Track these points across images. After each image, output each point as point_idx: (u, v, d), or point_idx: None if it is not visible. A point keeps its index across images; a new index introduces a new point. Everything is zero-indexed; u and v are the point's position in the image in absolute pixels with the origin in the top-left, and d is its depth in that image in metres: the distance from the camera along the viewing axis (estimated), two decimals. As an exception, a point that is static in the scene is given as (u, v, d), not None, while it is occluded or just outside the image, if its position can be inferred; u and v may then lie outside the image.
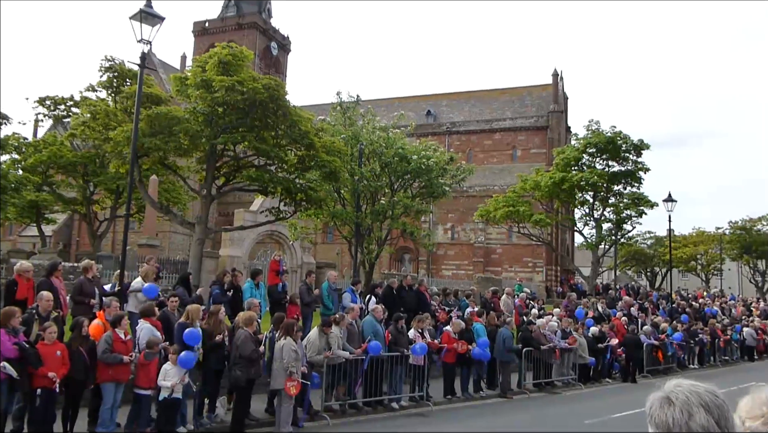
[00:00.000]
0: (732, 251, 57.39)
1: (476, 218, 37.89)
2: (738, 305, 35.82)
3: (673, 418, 1.53)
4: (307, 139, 16.78)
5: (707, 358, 25.02)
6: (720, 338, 25.87)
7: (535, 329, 16.88)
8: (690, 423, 1.51)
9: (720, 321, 27.58)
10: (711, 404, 1.54)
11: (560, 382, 17.24)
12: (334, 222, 22.42)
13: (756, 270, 58.83)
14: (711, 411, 1.52)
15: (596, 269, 33.50)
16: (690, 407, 1.53)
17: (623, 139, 31.01)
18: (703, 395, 1.56)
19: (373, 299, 15.62)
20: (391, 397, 12.98)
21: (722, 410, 1.54)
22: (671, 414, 1.53)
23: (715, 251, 57.18)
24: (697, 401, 1.54)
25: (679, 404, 1.54)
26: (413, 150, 22.02)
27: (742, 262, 59.93)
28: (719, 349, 25.97)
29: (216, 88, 15.35)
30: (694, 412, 1.52)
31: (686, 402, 1.54)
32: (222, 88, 15.24)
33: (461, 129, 55.64)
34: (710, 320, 26.59)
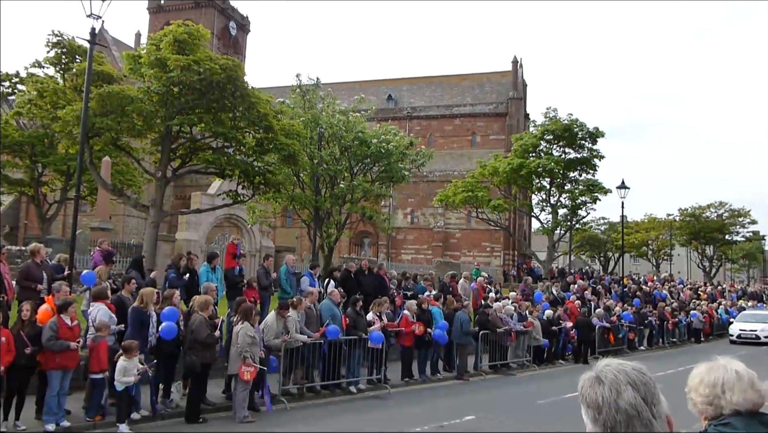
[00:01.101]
0: (681, 237, 59.40)
1: (436, 202, 38.14)
2: (686, 289, 37.16)
3: (602, 396, 1.57)
4: (265, 122, 16.52)
5: (656, 340, 25.90)
6: (668, 320, 26.80)
7: (492, 313, 17.14)
8: (618, 401, 1.56)
9: (669, 304, 28.57)
10: (638, 381, 1.59)
11: (515, 364, 17.59)
12: (293, 206, 22.23)
13: (704, 255, 61.09)
14: (638, 388, 1.58)
15: (552, 253, 34.20)
16: (618, 385, 1.58)
17: (579, 126, 31.59)
18: (630, 373, 1.61)
19: (332, 282, 15.61)
20: (349, 380, 13.02)
21: (648, 387, 1.59)
22: (600, 393, 1.58)
23: (666, 236, 59.06)
24: (624, 379, 1.59)
25: (608, 383, 1.59)
26: (373, 134, 21.94)
27: (690, 248, 62.13)
28: (667, 331, 26.91)
29: (171, 68, 14.93)
30: (622, 390, 1.57)
31: (614, 381, 1.59)
32: (177, 67, 14.83)
33: (422, 114, 55.74)
34: (659, 304, 27.50)
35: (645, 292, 30.39)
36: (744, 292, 46.85)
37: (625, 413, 1.54)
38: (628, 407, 1.55)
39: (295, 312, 11.97)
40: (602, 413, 1.56)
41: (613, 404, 1.55)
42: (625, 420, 1.54)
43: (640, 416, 1.54)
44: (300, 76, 23.27)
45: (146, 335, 9.94)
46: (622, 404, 1.55)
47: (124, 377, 8.93)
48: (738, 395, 2.03)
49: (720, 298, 38.61)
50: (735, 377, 2.06)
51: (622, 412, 1.54)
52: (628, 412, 1.54)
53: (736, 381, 2.05)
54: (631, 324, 23.19)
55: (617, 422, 1.54)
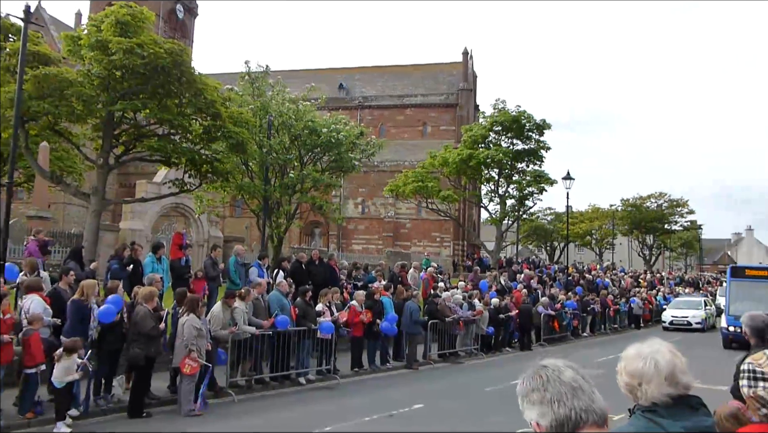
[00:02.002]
0: (623, 226, 61.35)
1: (386, 192, 38.20)
2: (627, 277, 38.47)
3: (546, 376, 1.67)
4: (213, 109, 16.11)
5: (599, 326, 26.75)
6: (610, 307, 27.73)
7: (441, 302, 17.33)
8: (561, 376, 1.65)
9: (611, 292, 29.53)
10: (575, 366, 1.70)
11: (463, 352, 17.86)
12: (242, 195, 21.86)
13: (644, 244, 63.32)
14: (576, 370, 1.69)
15: (500, 243, 34.78)
16: (559, 368, 1.68)
17: (527, 118, 32.13)
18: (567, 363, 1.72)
19: (281, 273, 15.44)
20: (299, 371, 12.95)
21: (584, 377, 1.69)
22: (544, 374, 1.68)
23: (608, 226, 60.87)
24: (563, 364, 1.70)
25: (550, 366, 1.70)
26: (324, 123, 21.73)
27: (632, 237, 64.30)
28: (609, 318, 27.84)
29: (113, 51, 14.35)
30: (563, 370, 1.67)
31: (554, 365, 1.70)
32: (120, 50, 14.26)
33: (373, 104, 55.62)
34: (602, 291, 28.38)
35: (588, 280, 31.31)
36: (681, 279, 48.88)
37: (569, 385, 1.63)
38: (570, 380, 1.63)
39: (243, 303, 11.79)
40: (548, 389, 1.63)
41: (557, 379, 1.64)
42: (571, 391, 1.61)
43: (583, 389, 1.62)
44: (249, 63, 22.81)
45: (86, 329, 9.59)
46: (565, 378, 1.64)
47: (66, 376, 8.59)
48: (654, 389, 2.05)
49: (659, 285, 40.18)
50: (654, 370, 2.07)
51: (567, 384, 1.63)
52: (572, 384, 1.63)
53: (654, 375, 2.06)
54: (574, 311, 23.87)
55: (563, 394, 1.61)
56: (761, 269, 25.50)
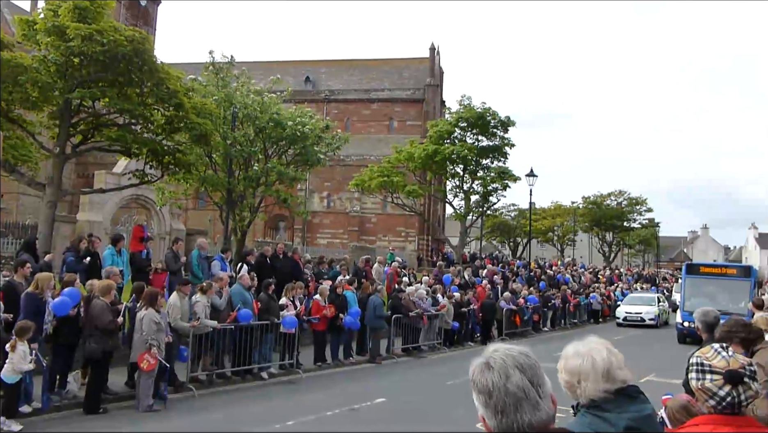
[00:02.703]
0: (584, 223, 62.55)
1: (352, 187, 38.06)
2: (587, 273, 39.24)
3: (492, 381, 1.63)
4: (175, 99, 15.78)
5: (559, 321, 27.25)
6: (570, 302, 28.25)
7: (405, 297, 17.40)
8: (507, 384, 1.61)
9: (571, 288, 30.08)
10: (525, 364, 1.65)
11: (427, 346, 17.98)
12: (206, 188, 21.46)
13: (604, 241, 64.67)
14: (525, 371, 1.64)
15: (464, 238, 35.05)
16: (506, 370, 1.63)
17: (492, 115, 32.38)
18: (517, 357, 1.67)
19: (245, 267, 15.29)
20: (261, 366, 12.85)
21: (534, 370, 1.66)
22: (490, 378, 1.64)
23: (570, 223, 61.94)
24: (512, 363, 1.65)
25: (497, 368, 1.65)
26: (289, 116, 21.47)
27: (592, 234, 65.60)
28: (569, 313, 28.37)
29: (71, 36, 13.92)
30: (511, 374, 1.63)
31: (503, 366, 1.65)
32: (78, 36, 13.84)
33: (339, 97, 55.34)
34: (562, 287, 28.89)
35: (549, 276, 31.82)
36: (639, 276, 50.08)
37: (514, 396, 1.60)
38: (516, 389, 1.60)
39: (204, 297, 11.63)
40: (493, 397, 1.62)
41: (502, 388, 1.61)
42: (514, 402, 1.60)
43: (528, 397, 1.60)
44: (213, 53, 22.39)
45: (41, 323, 9.31)
46: (510, 387, 1.61)
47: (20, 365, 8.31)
48: (591, 386, 2.11)
49: (617, 281, 41.11)
50: (591, 367, 2.13)
51: (511, 395, 1.60)
52: (516, 394, 1.60)
53: (591, 372, 2.12)
54: (535, 306, 24.24)
55: (507, 405, 1.60)
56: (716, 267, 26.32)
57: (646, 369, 13.30)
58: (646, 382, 11.74)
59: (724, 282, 22.31)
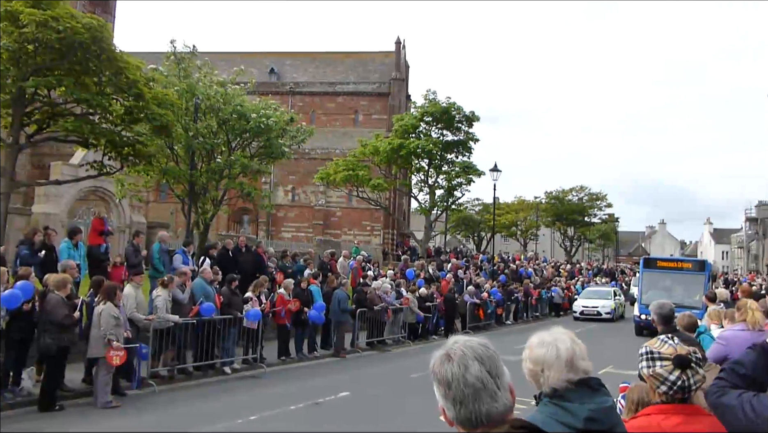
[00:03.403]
0: (547, 218, 63.57)
1: (317, 180, 37.90)
2: (549, 267, 39.94)
3: (451, 373, 1.64)
4: (135, 89, 15.39)
5: (521, 314, 27.65)
6: (532, 296, 28.69)
7: (370, 291, 17.42)
8: (466, 375, 1.63)
9: (533, 281, 30.56)
10: (484, 356, 1.67)
11: (391, 340, 18.05)
12: (167, 180, 21.08)
13: (565, 236, 65.86)
14: (484, 362, 1.65)
15: (429, 233, 35.25)
16: (466, 361, 1.65)
17: (457, 110, 32.58)
18: (476, 348, 1.69)
19: (207, 260, 15.09)
20: (224, 360, 12.72)
21: (493, 361, 1.68)
22: (450, 369, 1.65)
23: (533, 218, 62.86)
24: (471, 354, 1.67)
25: (456, 359, 1.66)
26: (253, 108, 21.23)
27: (554, 228, 66.75)
28: (531, 306, 28.82)
29: (25, 23, 13.45)
30: (470, 365, 1.64)
31: (462, 357, 1.66)
32: (32, 22, 13.36)
33: (305, 90, 54.92)
34: (525, 280, 29.33)
35: (512, 270, 32.27)
36: (599, 270, 51.19)
37: (472, 387, 1.62)
38: (474, 380, 1.62)
39: (165, 291, 11.44)
40: (452, 388, 1.63)
41: (461, 379, 1.63)
42: (473, 393, 1.61)
43: (486, 388, 1.62)
44: (175, 42, 21.96)
45: (-8, 318, 9.01)
46: (469, 378, 1.62)
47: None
48: (555, 374, 2.15)
49: (578, 275, 41.97)
50: (554, 356, 2.16)
51: (470, 386, 1.62)
52: (475, 385, 1.62)
53: (554, 361, 2.16)
54: (498, 301, 24.55)
55: (466, 396, 1.62)
56: (672, 261, 27.05)
57: (604, 361, 13.59)
58: (604, 373, 12.00)
59: (680, 276, 22.95)
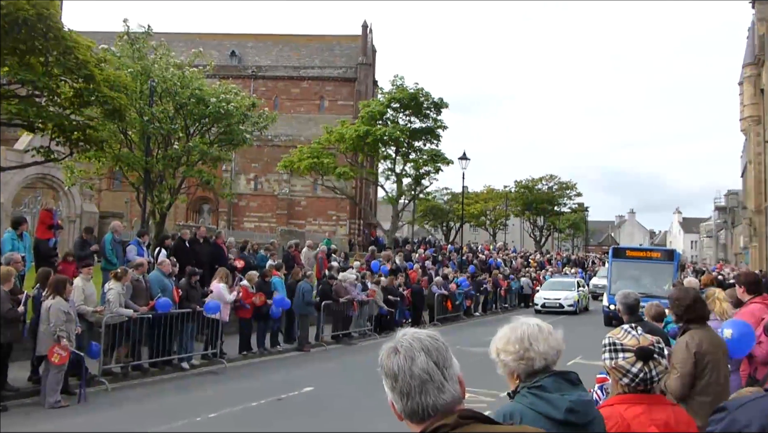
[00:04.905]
0: (516, 207, 64.27)
1: (280, 168, 37.59)
2: (518, 257, 40.39)
3: (398, 365, 1.68)
4: (85, 70, 14.92)
5: (490, 305, 27.91)
6: (502, 287, 28.98)
7: (336, 283, 17.35)
8: (412, 367, 1.66)
9: (502, 272, 30.86)
10: (431, 347, 1.69)
11: (357, 333, 18.03)
12: (121, 167, 20.67)
13: (535, 225, 66.76)
14: (430, 354, 1.68)
15: (396, 222, 35.28)
16: (412, 353, 1.68)
17: (425, 96, 32.59)
18: (424, 340, 1.71)
19: (163, 252, 14.87)
20: (181, 356, 12.54)
21: (440, 352, 1.70)
22: (396, 361, 1.68)
23: (502, 207, 63.46)
24: (419, 346, 1.69)
25: (403, 352, 1.69)
26: (212, 92, 20.90)
27: (524, 218, 67.55)
28: (500, 297, 29.11)
29: (-38, -2, 12.94)
30: (416, 356, 1.67)
31: (409, 348, 1.69)
32: (-29, -3, 12.87)
33: (267, 74, 54.27)
34: (494, 271, 29.60)
35: (481, 260, 32.53)
36: (569, 260, 52.02)
37: (418, 378, 1.65)
38: (420, 372, 1.65)
39: (119, 284, 11.17)
40: (398, 380, 1.67)
41: (407, 370, 1.66)
42: (419, 385, 1.65)
43: (432, 379, 1.65)
44: (128, 21, 21.44)
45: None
46: (415, 369, 1.65)
47: None
48: (542, 344, 2.35)
49: (548, 265, 42.55)
50: (537, 329, 2.40)
51: (416, 377, 1.65)
52: (421, 377, 1.65)
53: (538, 333, 2.38)
54: (467, 291, 24.73)
55: (412, 388, 1.65)
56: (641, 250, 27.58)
57: (573, 351, 13.81)
58: (573, 364, 12.19)
59: (648, 265, 23.44)
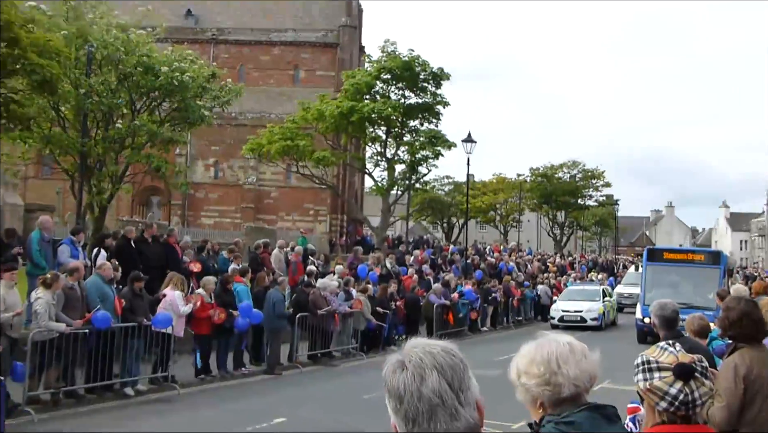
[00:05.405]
0: (532, 200, 64.46)
1: (246, 152, 37.60)
2: (534, 261, 40.59)
3: (404, 383, 1.65)
4: (8, 33, 15.04)
5: (501, 319, 28.03)
6: (514, 296, 29.08)
7: (314, 291, 17.39)
8: (422, 388, 1.64)
9: (515, 278, 30.97)
10: (445, 365, 1.68)
11: (339, 352, 18.09)
12: (51, 150, 20.74)
13: (555, 222, 66.96)
14: (444, 373, 1.66)
15: (387, 218, 35.36)
16: (423, 370, 1.66)
17: (422, 65, 32.68)
18: (437, 355, 1.69)
19: (103, 253, 14.93)
20: (125, 380, 12.58)
21: (456, 371, 1.68)
22: (403, 379, 1.66)
23: (515, 200, 63.63)
24: (431, 362, 1.67)
25: (411, 368, 1.67)
26: (164, 60, 20.95)
27: (541, 213, 67.78)
28: (513, 309, 29.24)
29: None
30: (427, 375, 1.65)
31: (419, 364, 1.67)
32: None
33: (231, 38, 54.23)
34: (505, 277, 29.71)
35: (490, 264, 32.65)
36: (595, 263, 52.32)
37: (428, 402, 1.63)
38: (431, 394, 1.63)
39: (48, 293, 11.15)
40: (404, 402, 1.65)
41: (415, 391, 1.64)
42: (428, 409, 1.63)
43: (445, 404, 1.63)
44: (61, -27, 21.39)
45: None
46: (425, 391, 1.63)
47: None
48: (573, 367, 2.24)
49: (570, 270, 42.77)
50: (568, 349, 2.27)
51: (425, 400, 1.63)
52: (431, 400, 1.63)
53: (569, 353, 2.26)
54: (472, 302, 24.82)
55: (419, 412, 1.63)
56: (681, 252, 27.78)
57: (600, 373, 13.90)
58: (600, 390, 12.27)
59: (690, 270, 23.61)
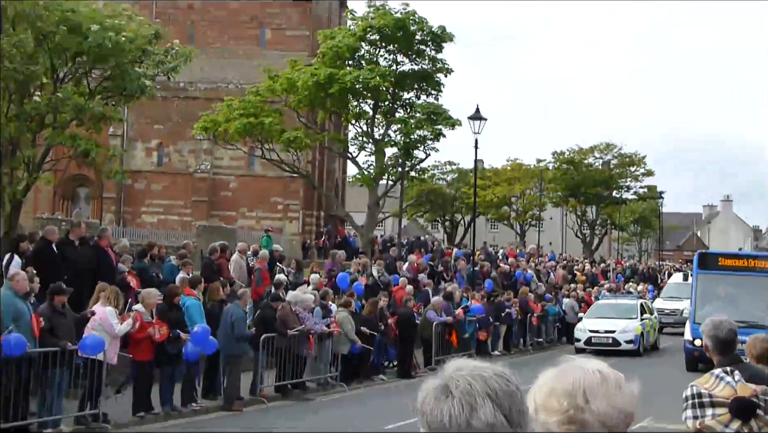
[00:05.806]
0: (555, 192, 64.20)
1: (197, 132, 37.46)
2: (559, 268, 40.52)
3: (450, 414, 1.65)
4: None
5: (516, 340, 28.02)
6: (534, 312, 29.05)
7: (283, 306, 17.39)
8: (472, 420, 1.64)
9: (535, 290, 30.92)
10: (500, 392, 1.69)
11: (314, 383, 18.09)
12: (-47, 131, 20.73)
13: (584, 220, 66.71)
14: (500, 403, 1.67)
15: (375, 214, 35.31)
16: (473, 399, 1.66)
17: (418, 23, 32.59)
18: (490, 380, 1.70)
19: (17, 260, 15.00)
20: (44, 420, 12.61)
21: (514, 399, 1.70)
22: (448, 409, 1.66)
23: (535, 192, 63.29)
24: (482, 388, 1.68)
25: (458, 395, 1.67)
26: (93, 16, 20.96)
27: (567, 208, 67.60)
28: (532, 327, 29.21)
29: None
30: (478, 405, 1.65)
31: (468, 391, 1.67)
32: None
33: (179, -11, 54.20)
34: (522, 289, 29.67)
35: (503, 272, 32.63)
36: (634, 271, 52.34)
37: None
38: (484, 427, 1.63)
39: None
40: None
41: (464, 424, 1.63)
42: None
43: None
44: None
45: None
46: (476, 423, 1.63)
47: None
48: (603, 401, 2.15)
49: (603, 279, 42.79)
50: (598, 378, 2.18)
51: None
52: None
53: (599, 384, 2.17)
54: (482, 319, 24.81)
55: None
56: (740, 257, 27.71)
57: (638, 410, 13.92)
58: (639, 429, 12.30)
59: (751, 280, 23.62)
